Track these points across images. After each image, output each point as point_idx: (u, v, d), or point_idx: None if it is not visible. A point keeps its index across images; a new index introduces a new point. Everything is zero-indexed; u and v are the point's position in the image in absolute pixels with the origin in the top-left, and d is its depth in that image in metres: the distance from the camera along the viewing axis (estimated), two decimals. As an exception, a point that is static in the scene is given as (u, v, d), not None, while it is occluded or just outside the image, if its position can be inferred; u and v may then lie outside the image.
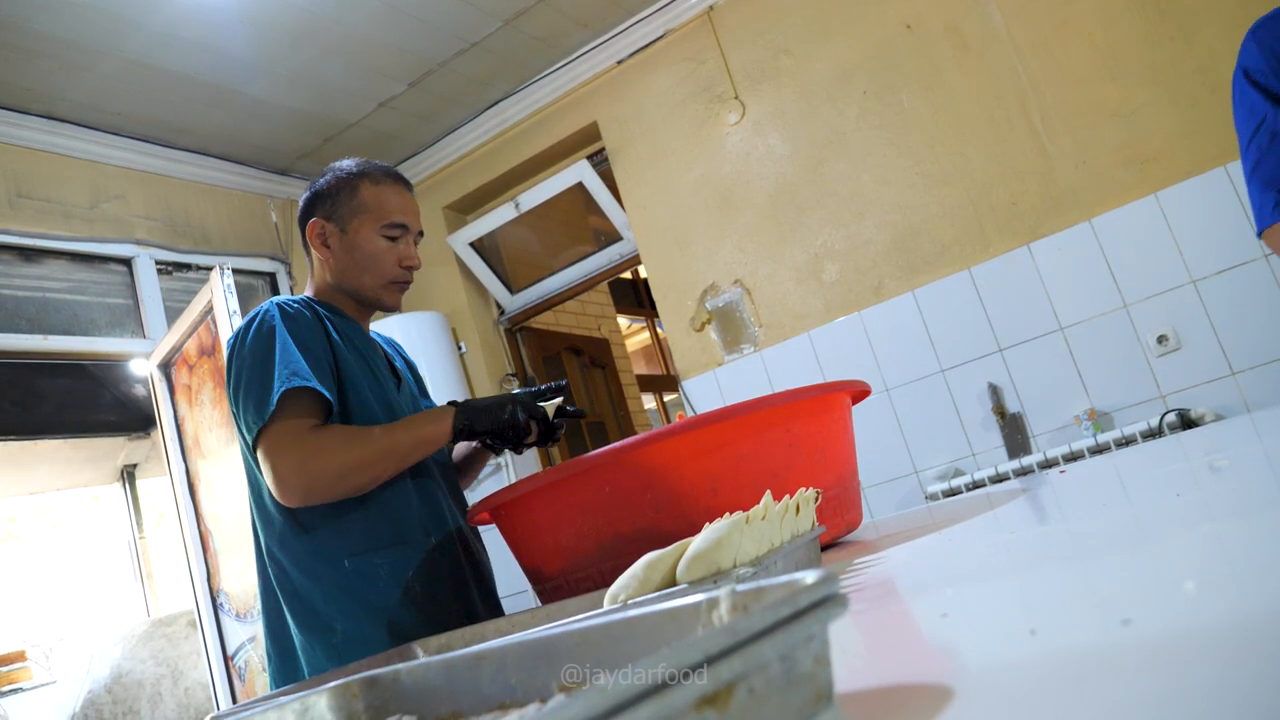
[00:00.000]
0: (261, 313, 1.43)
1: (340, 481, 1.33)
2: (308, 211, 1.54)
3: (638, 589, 0.76)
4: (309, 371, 1.35)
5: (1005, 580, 0.66)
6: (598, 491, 1.16)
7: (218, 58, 3.31)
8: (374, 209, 1.50)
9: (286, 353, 1.36)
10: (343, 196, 1.51)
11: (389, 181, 1.53)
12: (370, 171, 1.53)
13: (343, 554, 1.39)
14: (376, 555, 1.40)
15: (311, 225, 1.52)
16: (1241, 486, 0.83)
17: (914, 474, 3.26)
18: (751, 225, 3.62)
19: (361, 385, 1.45)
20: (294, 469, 1.31)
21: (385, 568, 1.39)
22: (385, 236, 1.50)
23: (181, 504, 3.45)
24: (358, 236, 1.50)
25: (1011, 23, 3.13)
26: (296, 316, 1.42)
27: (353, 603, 1.37)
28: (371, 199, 1.51)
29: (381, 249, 1.50)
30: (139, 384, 5.38)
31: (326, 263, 1.53)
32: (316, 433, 1.34)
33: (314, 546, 1.39)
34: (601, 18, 3.73)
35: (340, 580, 1.38)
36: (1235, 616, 0.38)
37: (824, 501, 1.17)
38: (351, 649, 1.34)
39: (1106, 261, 2.98)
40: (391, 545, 1.41)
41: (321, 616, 1.37)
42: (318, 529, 1.39)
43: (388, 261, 1.51)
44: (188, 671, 4.52)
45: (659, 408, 7.29)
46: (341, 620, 1.36)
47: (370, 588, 1.38)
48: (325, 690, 0.55)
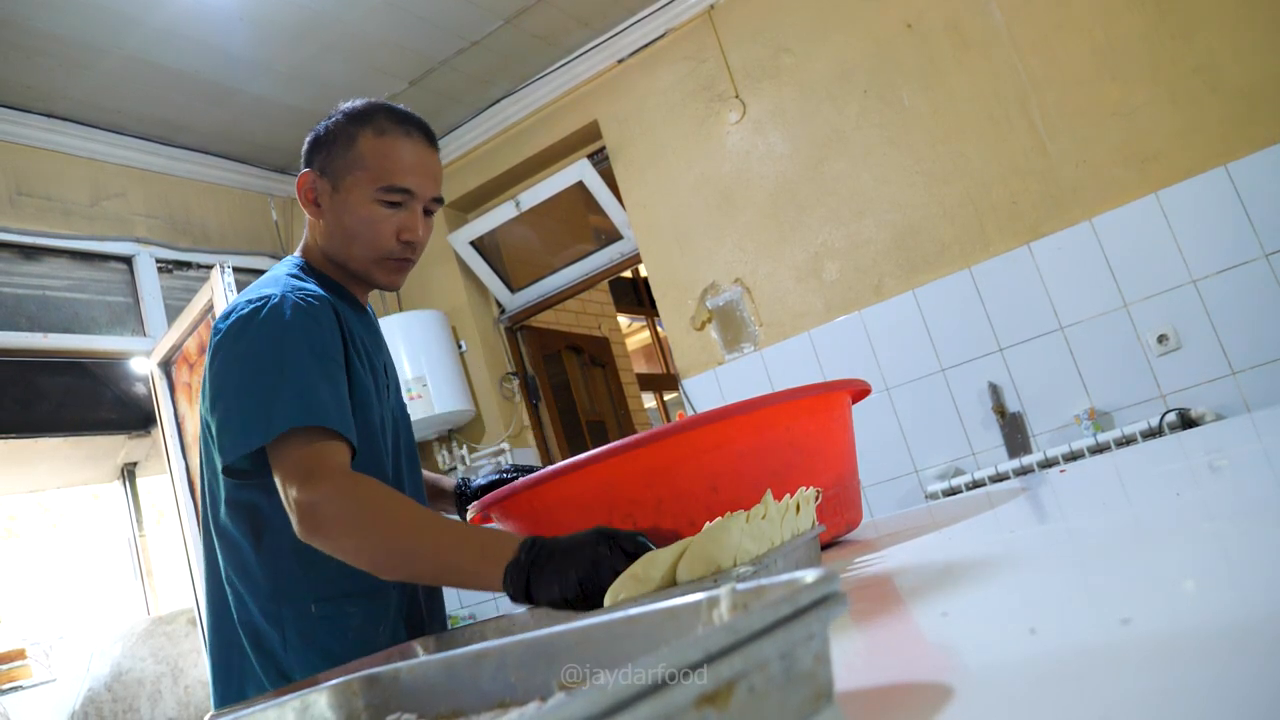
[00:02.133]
0: (268, 305, 1.15)
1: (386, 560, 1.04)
2: (306, 160, 1.28)
3: (638, 588, 0.76)
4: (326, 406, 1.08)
5: (1005, 579, 0.66)
6: (598, 491, 1.16)
7: (218, 55, 3.30)
8: (373, 165, 1.22)
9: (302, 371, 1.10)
10: (339, 145, 1.24)
11: (398, 132, 1.24)
12: (376, 117, 1.25)
13: (309, 597, 1.18)
14: (349, 603, 1.20)
15: (302, 178, 1.26)
16: (1241, 486, 0.83)
17: (914, 473, 3.26)
18: (752, 224, 3.61)
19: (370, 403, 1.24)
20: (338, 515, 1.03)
21: (357, 617, 1.20)
22: (383, 201, 1.22)
23: (181, 502, 3.45)
24: (350, 197, 1.22)
25: (1012, 21, 3.13)
26: (317, 318, 1.15)
27: (313, 653, 1.17)
28: (371, 152, 1.22)
29: (377, 216, 1.22)
30: (139, 382, 5.37)
31: (315, 225, 1.28)
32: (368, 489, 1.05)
33: (279, 585, 1.19)
34: (602, 16, 3.73)
35: (303, 626, 1.18)
36: (1234, 616, 0.38)
37: (824, 500, 1.17)
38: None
39: (1107, 261, 2.98)
40: (365, 593, 1.21)
41: (278, 663, 1.18)
42: (287, 565, 1.18)
43: (382, 232, 1.23)
44: (188, 669, 4.52)
45: (659, 407, 7.29)
46: (300, 672, 1.17)
47: (336, 638, 1.18)
48: (326, 688, 0.55)
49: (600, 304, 6.04)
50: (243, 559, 1.21)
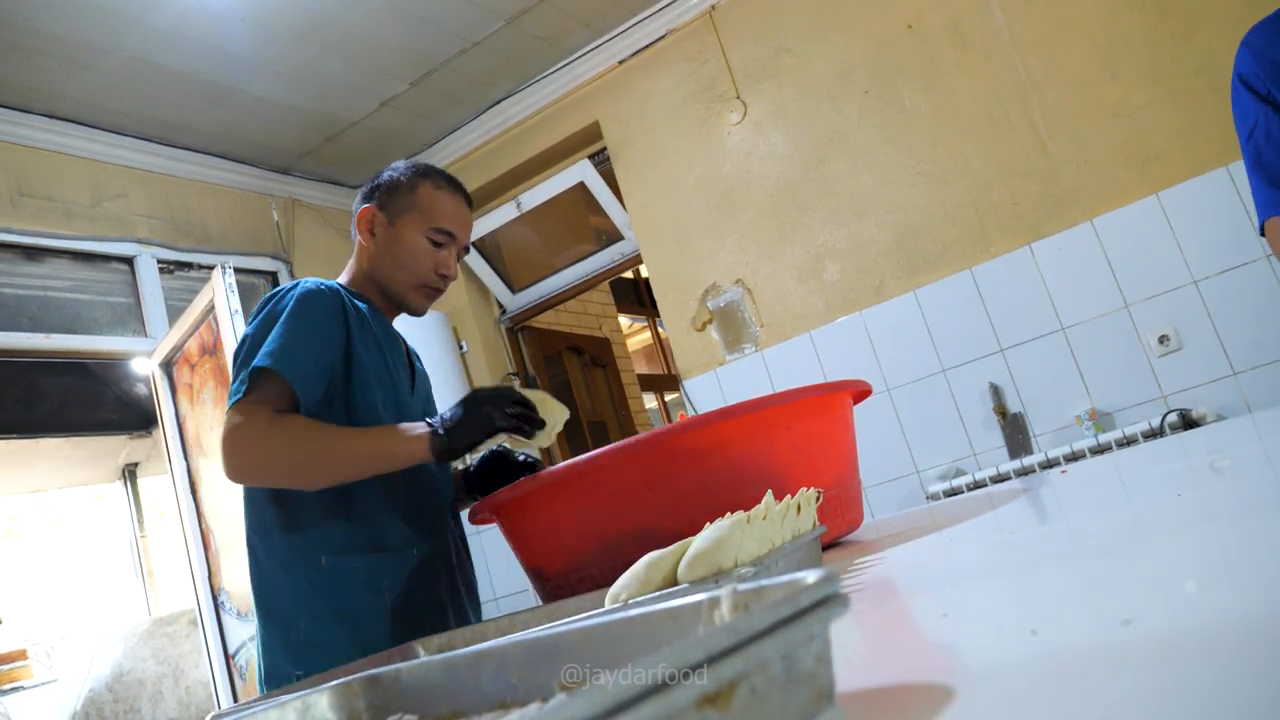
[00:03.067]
0: (286, 291, 1.41)
1: (286, 474, 1.30)
2: (365, 198, 1.54)
3: (639, 588, 0.76)
4: (286, 356, 1.30)
5: (1006, 580, 0.66)
6: (599, 491, 1.16)
7: (219, 56, 3.31)
8: (426, 210, 1.50)
9: (282, 333, 1.32)
10: (401, 190, 1.52)
11: (449, 189, 1.54)
12: (435, 175, 1.54)
13: (321, 553, 1.36)
14: (354, 559, 1.36)
15: (363, 211, 1.52)
16: (1242, 487, 0.83)
17: (915, 474, 3.26)
18: (752, 224, 3.62)
19: (370, 382, 1.41)
20: (239, 448, 1.27)
21: (362, 573, 1.36)
22: (430, 240, 1.49)
23: (183, 503, 3.46)
24: (403, 232, 1.50)
25: (1012, 22, 3.13)
26: (317, 298, 1.39)
27: (322, 604, 1.34)
28: (427, 200, 1.51)
29: (422, 249, 1.49)
30: (140, 383, 5.38)
31: (367, 250, 1.53)
32: (276, 418, 1.29)
33: (295, 542, 1.36)
34: (603, 17, 3.73)
35: (315, 579, 1.35)
36: (1235, 616, 0.38)
37: (825, 501, 1.17)
38: (310, 651, 1.31)
39: (1108, 261, 2.98)
40: (369, 551, 1.37)
41: (286, 613, 1.34)
42: (302, 525, 1.37)
43: (424, 263, 1.50)
44: (189, 670, 4.52)
45: (660, 407, 7.29)
46: (305, 620, 1.33)
47: (343, 592, 1.34)
48: (326, 689, 0.55)
49: (601, 304, 6.04)
50: (262, 518, 1.39)
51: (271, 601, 1.37)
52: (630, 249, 4.09)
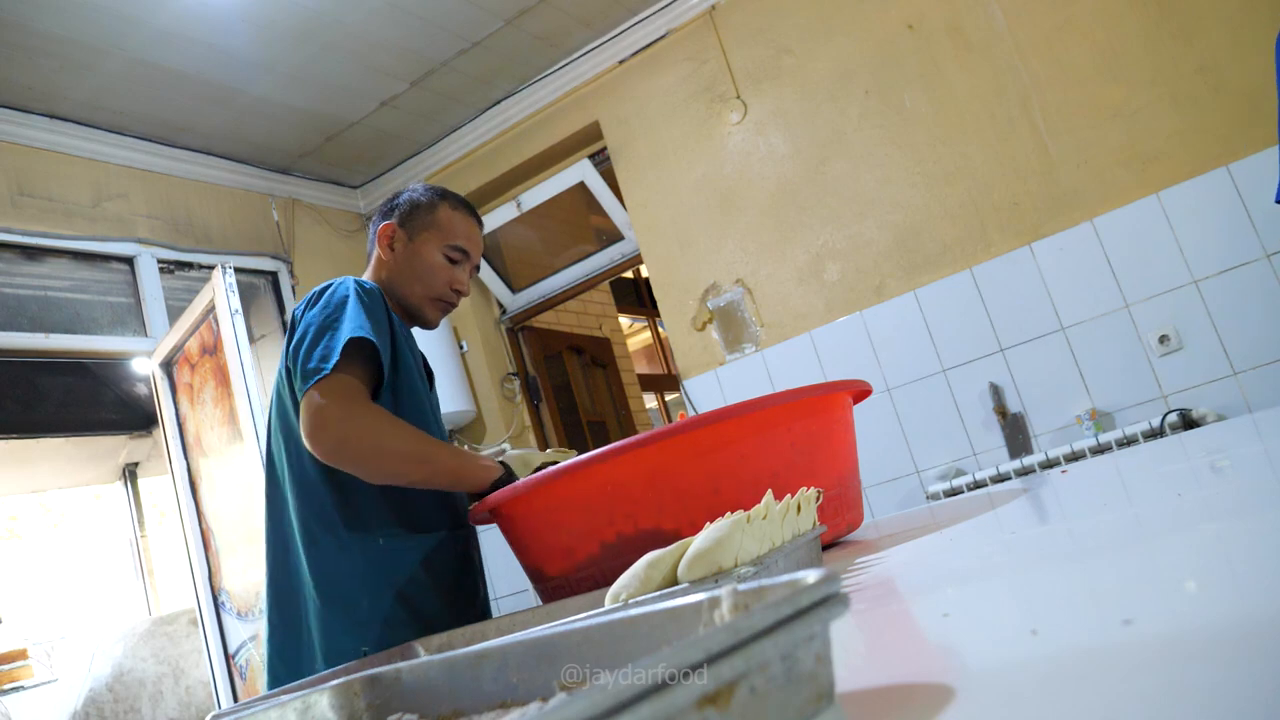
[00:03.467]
0: (338, 283, 1.47)
1: (372, 457, 1.35)
2: (385, 213, 1.64)
3: (639, 588, 0.76)
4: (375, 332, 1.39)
5: (1006, 580, 0.66)
6: (599, 491, 1.16)
7: (220, 56, 3.31)
8: (445, 228, 1.61)
9: (357, 314, 1.40)
10: (421, 209, 1.62)
11: (466, 212, 1.65)
12: (452, 198, 1.66)
13: (379, 532, 1.43)
14: (407, 540, 1.45)
15: (384, 227, 1.61)
16: (1243, 487, 0.83)
17: (915, 474, 3.26)
18: (753, 224, 3.61)
19: (414, 376, 1.51)
20: (338, 419, 1.32)
21: (415, 552, 1.44)
22: (446, 256, 1.60)
23: (183, 502, 3.46)
24: (422, 248, 1.60)
25: (1013, 22, 3.13)
26: (372, 293, 1.47)
27: (381, 581, 1.41)
28: (445, 219, 1.61)
29: (439, 265, 1.59)
30: (141, 382, 5.38)
31: (385, 264, 1.61)
32: (370, 403, 1.37)
33: (353, 521, 1.43)
34: (603, 17, 3.73)
35: (373, 557, 1.42)
36: (1236, 616, 0.38)
37: (825, 501, 1.17)
38: (373, 627, 1.37)
39: (1108, 261, 2.98)
40: (419, 531, 1.46)
41: (347, 594, 1.40)
42: (360, 504, 1.43)
43: (440, 278, 1.60)
44: (189, 670, 4.52)
45: (660, 407, 7.29)
46: (368, 597, 1.40)
47: (399, 570, 1.42)
48: (327, 689, 0.55)
49: (601, 304, 6.04)
50: (320, 502, 1.44)
51: (331, 584, 1.42)
52: (630, 249, 4.09)
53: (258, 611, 3.09)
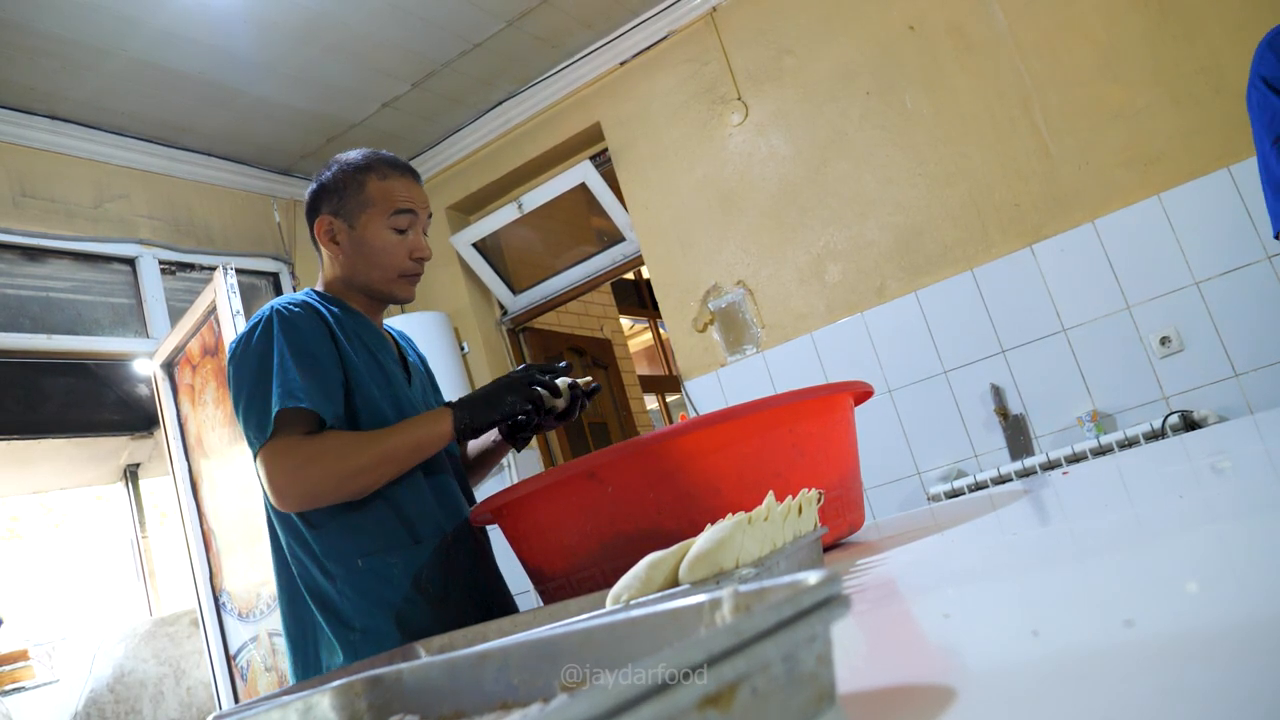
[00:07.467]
0: (261, 320, 1.41)
1: (338, 488, 1.33)
2: (314, 207, 1.52)
3: (640, 589, 0.76)
4: (303, 389, 1.33)
5: (1007, 581, 0.66)
6: (600, 492, 1.16)
7: (221, 57, 3.31)
8: (380, 202, 1.48)
9: (284, 367, 1.34)
10: (349, 191, 1.49)
11: (395, 174, 1.51)
12: (375, 164, 1.51)
13: (355, 554, 1.39)
14: (390, 555, 1.39)
15: (319, 222, 1.51)
16: (1244, 488, 0.83)
17: (916, 475, 3.26)
18: (754, 226, 3.62)
19: (368, 385, 1.43)
20: (288, 478, 1.30)
21: (399, 567, 1.39)
22: (394, 229, 1.48)
23: (184, 503, 3.46)
24: (366, 231, 1.48)
25: (1014, 23, 3.13)
26: (295, 321, 1.39)
27: (367, 601, 1.37)
28: (378, 192, 1.49)
29: (391, 242, 1.49)
30: (142, 383, 5.38)
31: (336, 259, 1.52)
32: (311, 441, 1.33)
33: (326, 546, 1.39)
34: (605, 18, 3.73)
35: (354, 579, 1.38)
36: (1237, 617, 0.38)
37: (826, 502, 1.17)
38: (368, 647, 1.35)
39: (1109, 263, 2.98)
40: (404, 545, 1.41)
41: (340, 614, 1.38)
42: (329, 529, 1.39)
43: (398, 254, 1.49)
44: (190, 671, 4.52)
45: (661, 408, 7.29)
46: (359, 619, 1.37)
47: (385, 586, 1.38)
48: (328, 690, 0.55)
49: (602, 305, 6.04)
50: (299, 532, 1.42)
51: (325, 604, 1.39)
52: (632, 250, 4.09)
53: (258, 612, 3.10)
